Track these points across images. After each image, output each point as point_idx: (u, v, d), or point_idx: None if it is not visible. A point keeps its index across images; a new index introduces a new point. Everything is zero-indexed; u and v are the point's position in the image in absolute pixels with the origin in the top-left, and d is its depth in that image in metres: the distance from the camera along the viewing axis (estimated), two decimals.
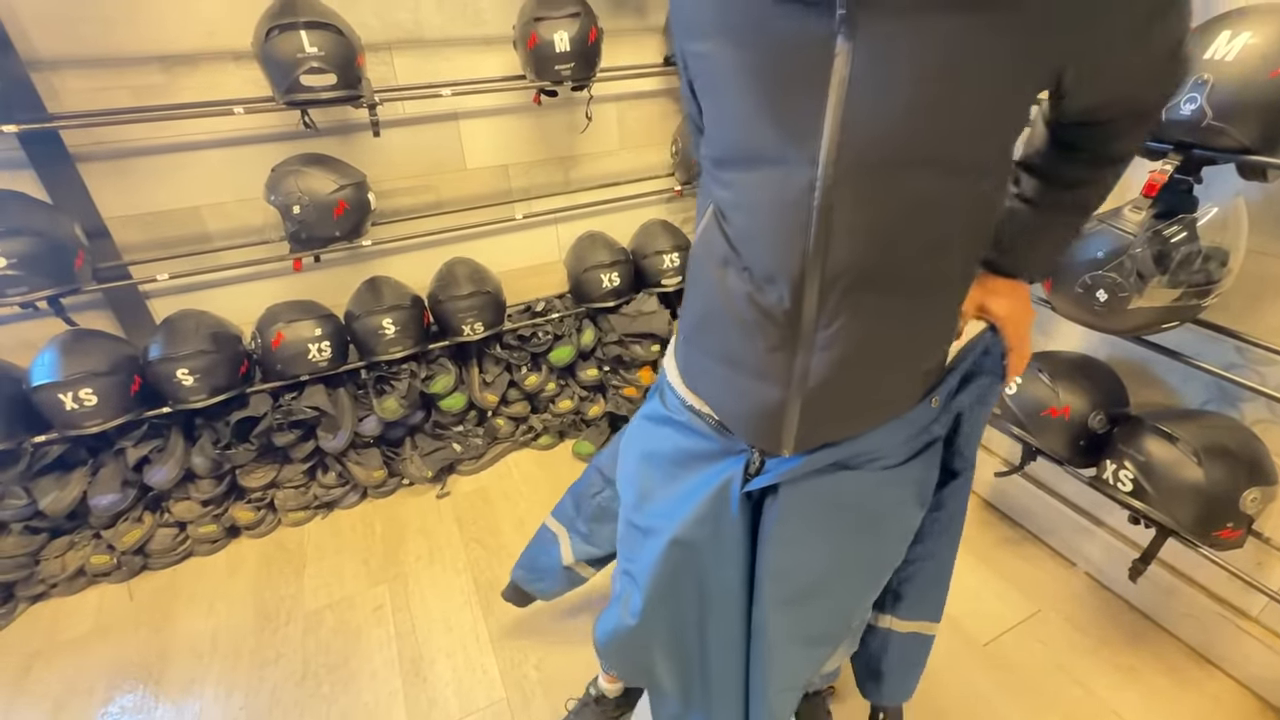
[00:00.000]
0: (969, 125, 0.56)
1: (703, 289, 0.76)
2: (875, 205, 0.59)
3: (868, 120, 0.55)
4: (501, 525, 2.00)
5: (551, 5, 1.81)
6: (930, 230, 0.61)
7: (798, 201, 0.60)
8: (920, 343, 0.73)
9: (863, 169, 0.57)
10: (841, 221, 0.59)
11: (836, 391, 0.70)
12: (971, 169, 0.59)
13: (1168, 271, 1.11)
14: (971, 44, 0.52)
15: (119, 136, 1.69)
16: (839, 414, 0.74)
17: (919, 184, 0.58)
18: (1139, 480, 1.26)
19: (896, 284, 0.64)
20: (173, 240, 1.85)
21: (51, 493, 1.69)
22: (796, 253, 0.62)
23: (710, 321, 0.76)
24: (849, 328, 0.65)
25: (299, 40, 1.53)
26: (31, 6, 1.52)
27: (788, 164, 0.59)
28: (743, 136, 0.63)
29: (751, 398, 0.74)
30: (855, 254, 0.61)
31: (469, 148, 2.13)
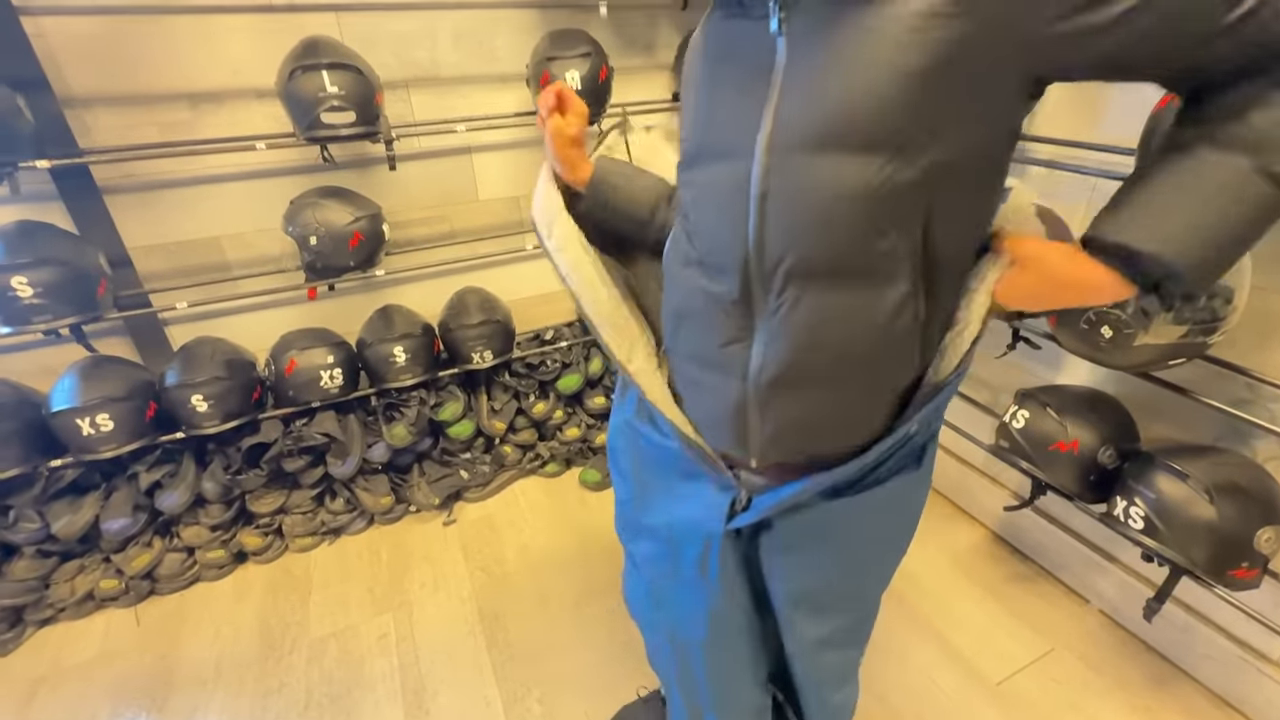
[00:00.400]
0: (904, 113, 0.55)
1: (671, 290, 0.81)
2: (803, 190, 0.61)
3: (796, 108, 0.60)
4: (506, 553, 2.00)
5: (564, 45, 1.87)
6: (861, 216, 0.60)
7: (737, 190, 0.64)
8: (878, 346, 0.67)
9: (791, 155, 0.60)
10: (775, 208, 0.63)
11: (790, 386, 0.70)
12: (911, 155, 0.57)
13: (1172, 309, 1.11)
14: (897, 33, 0.54)
15: (146, 170, 1.75)
16: (797, 414, 0.73)
17: (841, 168, 0.58)
18: (1150, 517, 1.24)
19: (837, 271, 0.63)
20: (193, 269, 1.90)
21: (64, 517, 1.71)
22: (739, 241, 0.66)
23: (680, 321, 0.80)
24: (795, 316, 0.66)
25: (321, 80, 1.58)
26: (69, 48, 1.59)
27: (735, 156, 0.64)
28: (703, 135, 0.70)
29: (716, 395, 0.77)
30: (790, 239, 0.63)
31: (481, 180, 2.18)
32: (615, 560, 1.90)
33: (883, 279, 0.63)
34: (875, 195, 0.58)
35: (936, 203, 0.60)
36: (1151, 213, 0.57)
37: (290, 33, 1.70)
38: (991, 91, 0.56)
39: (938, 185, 0.59)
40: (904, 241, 0.61)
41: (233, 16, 1.71)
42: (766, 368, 0.70)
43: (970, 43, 0.53)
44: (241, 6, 1.71)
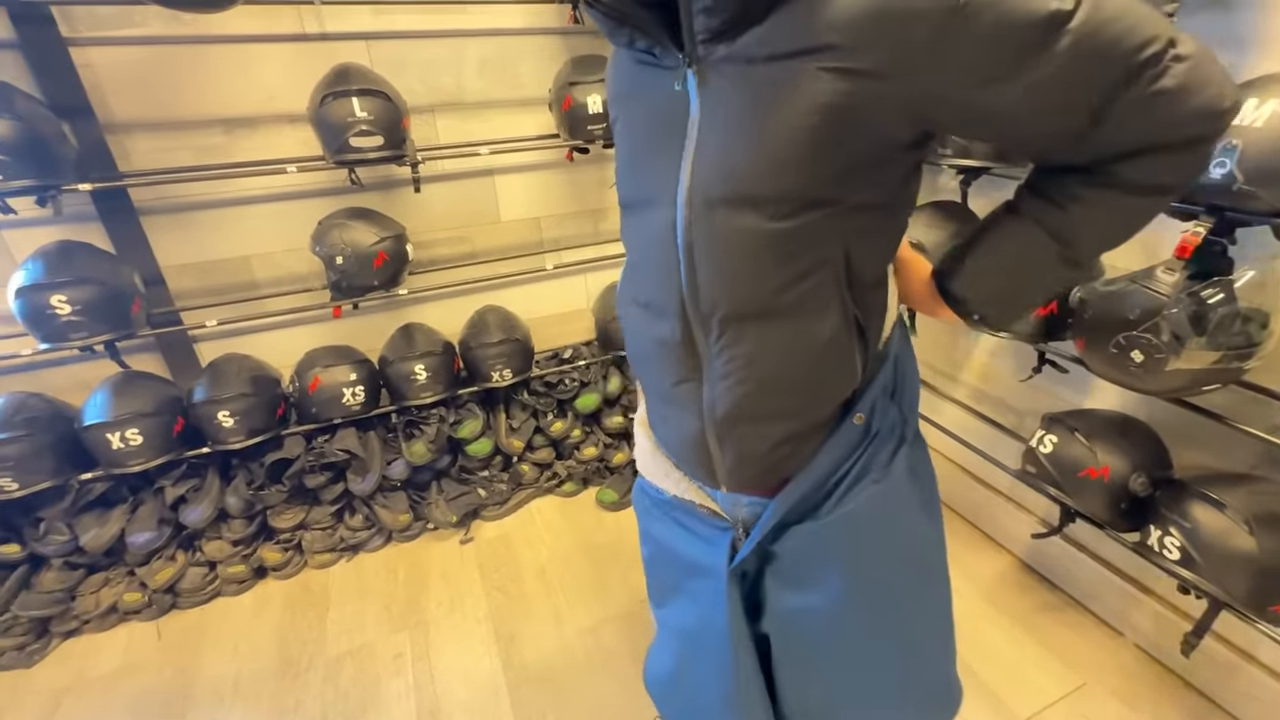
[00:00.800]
0: (800, 165, 0.57)
1: (628, 329, 0.83)
2: (722, 241, 0.63)
3: (709, 163, 0.61)
4: (523, 574, 1.99)
5: (586, 70, 1.91)
6: (783, 262, 0.62)
7: (666, 239, 0.66)
8: (820, 370, 0.70)
9: (708, 208, 0.62)
10: (701, 257, 0.64)
11: (743, 420, 0.71)
12: (814, 204, 0.60)
13: (1205, 333, 1.08)
14: (793, 90, 0.55)
15: (180, 192, 1.81)
16: (755, 444, 0.73)
17: (764, 221, 0.60)
18: (1186, 548, 1.20)
19: (769, 312, 0.65)
20: (223, 287, 1.95)
21: (92, 529, 1.75)
22: (674, 288, 0.68)
23: (639, 358, 0.82)
24: (738, 356, 0.68)
25: (351, 106, 1.63)
26: (113, 77, 1.66)
27: (659, 205, 0.66)
28: (631, 182, 0.73)
29: (678, 427, 0.79)
30: (719, 287, 0.65)
31: (503, 201, 2.22)
32: (631, 582, 1.89)
33: (814, 311, 0.66)
34: (793, 243, 0.61)
35: (852, 238, 0.63)
36: (978, 273, 0.74)
37: (323, 59, 1.76)
38: (889, 143, 0.59)
39: (851, 224, 0.62)
40: (827, 276, 0.64)
41: (269, 45, 1.77)
42: (718, 405, 0.72)
43: (868, 101, 0.55)
44: (277, 36, 1.77)
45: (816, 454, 0.74)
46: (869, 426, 0.75)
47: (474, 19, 1.95)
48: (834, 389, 0.72)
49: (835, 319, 0.66)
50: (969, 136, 0.61)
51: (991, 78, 0.53)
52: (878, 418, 0.75)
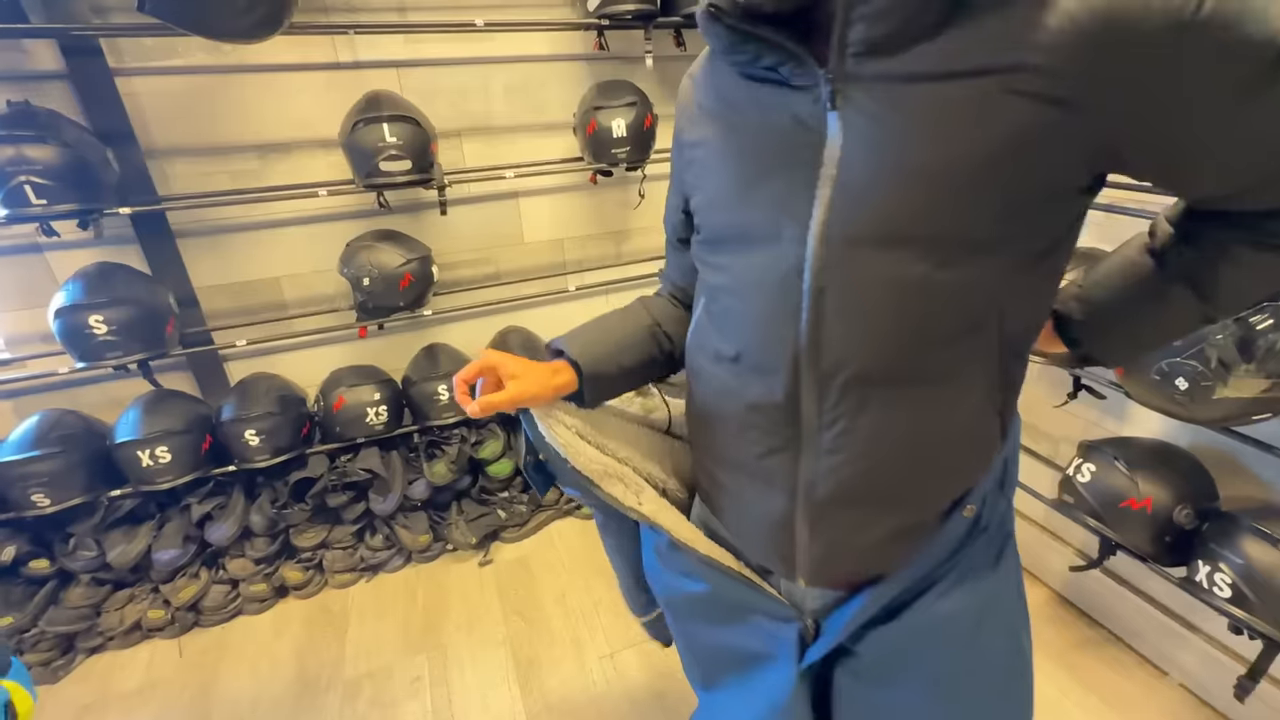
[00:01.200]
0: (973, 202, 0.50)
1: (699, 387, 0.71)
2: (864, 288, 0.53)
3: (856, 196, 0.52)
4: (543, 598, 1.96)
5: (610, 95, 1.93)
6: (942, 317, 0.53)
7: (786, 283, 0.56)
8: (957, 453, 0.61)
9: (850, 248, 0.53)
10: (834, 307, 0.54)
11: (850, 503, 0.61)
12: (982, 248, 0.51)
13: (1254, 360, 1.04)
14: (970, 114, 0.47)
15: (216, 215, 1.86)
16: (858, 533, 0.63)
17: (919, 266, 0.51)
18: (1238, 586, 1.14)
19: (907, 378, 0.56)
20: (253, 308, 1.98)
21: (119, 545, 1.77)
22: (788, 340, 0.57)
23: (708, 420, 0.70)
24: (858, 427, 0.57)
25: (381, 131, 1.67)
26: (156, 104, 1.72)
27: (778, 243, 0.56)
28: (734, 215, 0.61)
29: (756, 507, 0.67)
30: (853, 344, 0.55)
31: (527, 223, 2.24)
32: None
33: (960, 381, 0.57)
34: (949, 295, 0.52)
35: (1011, 294, 0.54)
36: (1112, 325, 0.67)
37: (355, 87, 1.81)
38: (1063, 184, 0.51)
39: (1011, 278, 0.54)
40: (981, 340, 0.55)
41: (303, 74, 1.83)
42: (820, 483, 0.61)
43: (1058, 132, 0.47)
44: (312, 65, 1.82)
45: (920, 550, 0.64)
46: (978, 519, 0.65)
47: (501, 46, 1.99)
48: (964, 476, 0.62)
49: (980, 393, 0.58)
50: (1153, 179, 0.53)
51: (1213, 112, 0.45)
52: (988, 510, 0.65)
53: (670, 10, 1.91)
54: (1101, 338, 0.68)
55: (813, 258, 0.54)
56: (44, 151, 1.42)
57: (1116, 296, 0.65)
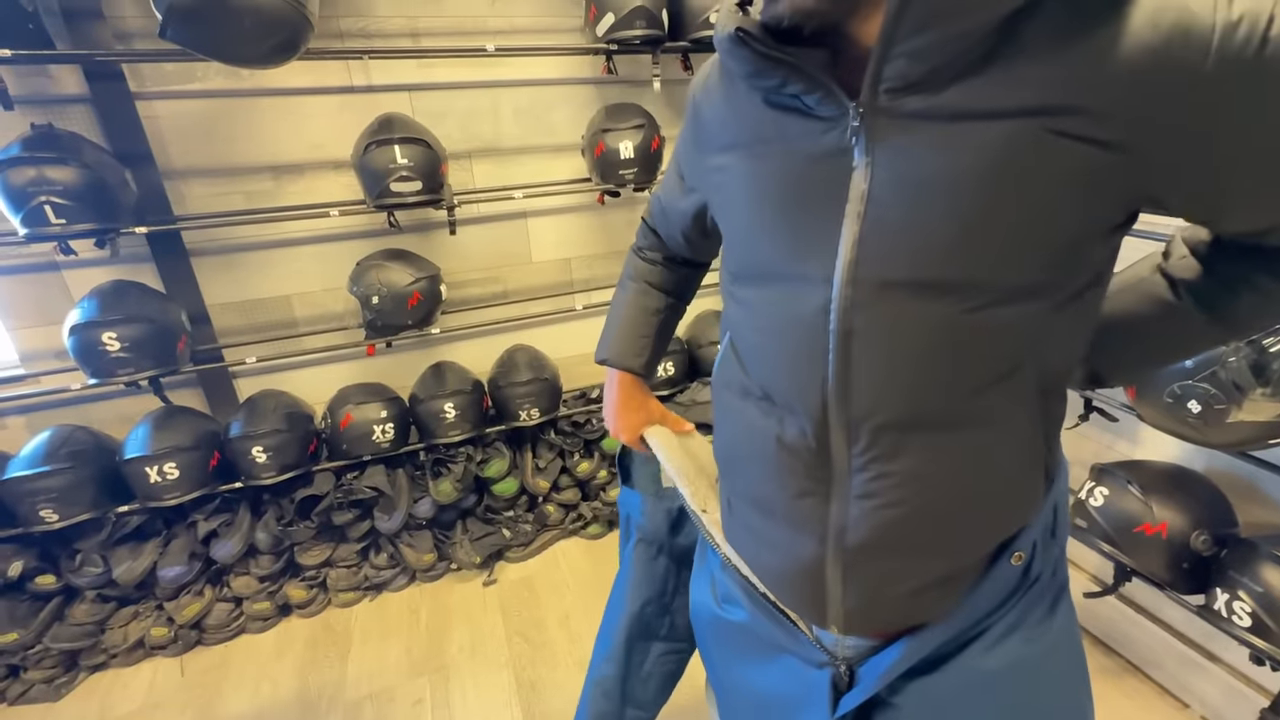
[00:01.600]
0: (1011, 246, 0.48)
1: (726, 422, 0.69)
2: (896, 332, 0.51)
3: (890, 238, 0.49)
4: (546, 619, 1.94)
5: (618, 118, 1.96)
6: (976, 361, 0.51)
7: (813, 323, 0.54)
8: (998, 499, 0.58)
9: (882, 291, 0.50)
10: (863, 350, 0.52)
11: (884, 552, 0.58)
12: (1020, 292, 0.49)
13: (1269, 383, 1.03)
14: (1013, 156, 0.45)
15: (229, 234, 1.89)
16: (893, 582, 0.59)
17: (953, 310, 0.49)
18: (1259, 615, 1.11)
19: (943, 423, 0.53)
20: (264, 325, 2.01)
21: (125, 562, 1.77)
22: (815, 381, 0.55)
23: (737, 459, 0.68)
24: (892, 473, 0.54)
25: (393, 153, 1.70)
26: (174, 127, 1.76)
27: (803, 281, 0.54)
28: (758, 251, 0.59)
29: (785, 551, 0.64)
30: (884, 389, 0.53)
31: (535, 243, 2.26)
32: None
33: (998, 424, 0.53)
34: (986, 338, 0.50)
35: (1049, 334, 0.52)
36: (1125, 349, 0.66)
37: (367, 109, 1.84)
38: (1101, 222, 0.49)
39: (1050, 317, 0.51)
40: (1018, 382, 0.52)
41: (318, 97, 1.87)
42: (852, 530, 0.57)
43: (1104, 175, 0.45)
44: (327, 88, 1.87)
45: (963, 601, 0.60)
46: (1028, 568, 0.61)
47: (512, 70, 2.03)
48: (1006, 522, 0.59)
49: (1020, 435, 0.55)
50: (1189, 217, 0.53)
51: (1263, 156, 0.44)
52: (1039, 559, 0.62)
53: (678, 35, 1.94)
54: (1108, 355, 0.66)
55: (839, 299, 0.52)
56: (64, 173, 1.46)
57: (1127, 315, 0.64)
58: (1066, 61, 0.43)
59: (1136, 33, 0.42)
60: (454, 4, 1.93)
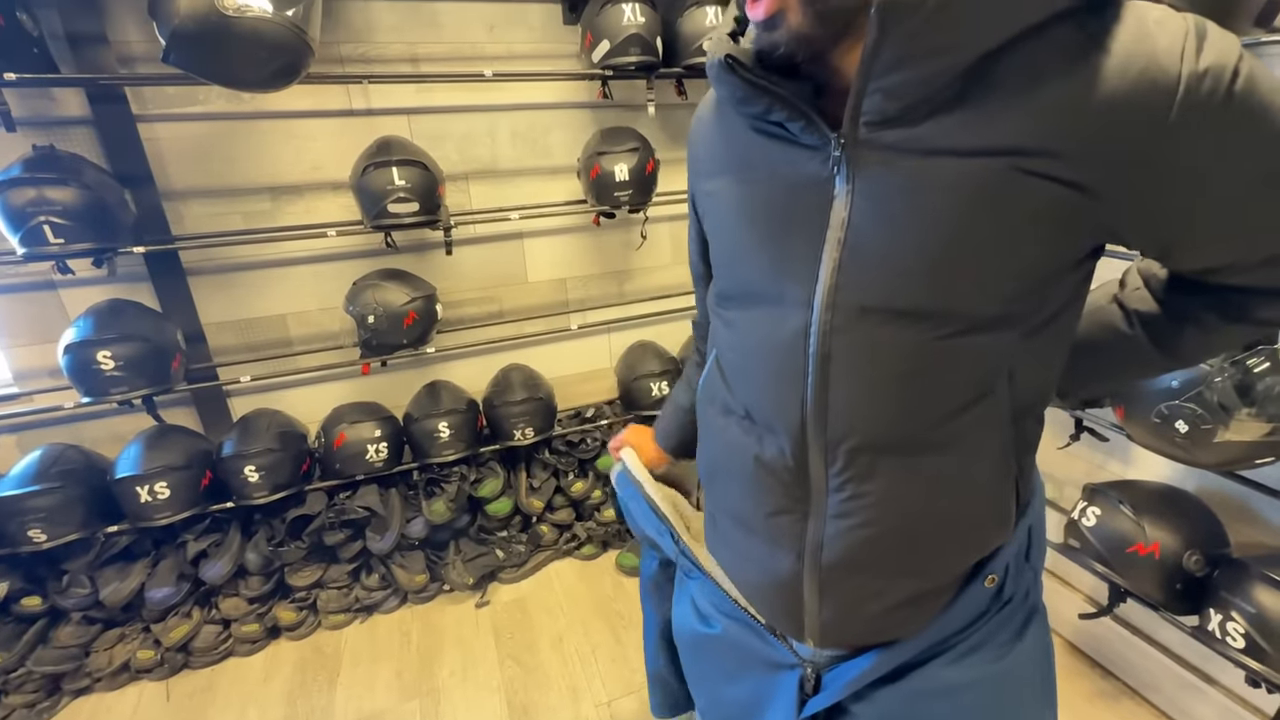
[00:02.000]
0: (982, 277, 0.49)
1: (708, 439, 0.71)
2: (873, 357, 0.52)
3: (868, 266, 0.51)
4: (539, 642, 1.92)
5: (613, 141, 1.99)
6: (950, 386, 0.53)
7: (792, 345, 0.56)
8: (971, 519, 0.59)
9: (859, 316, 0.52)
10: (841, 374, 0.54)
11: (859, 570, 0.59)
12: (992, 321, 0.51)
13: (1254, 404, 1.04)
14: (984, 192, 0.47)
15: (227, 254, 1.90)
16: (868, 599, 0.61)
17: (927, 336, 0.51)
18: (1252, 636, 1.11)
19: (916, 446, 0.54)
20: (259, 344, 2.01)
21: (113, 583, 1.75)
22: (794, 402, 0.56)
23: (718, 474, 0.70)
24: (866, 493, 0.56)
25: (391, 175, 1.72)
26: (174, 148, 1.79)
27: (783, 304, 0.56)
28: (742, 272, 0.61)
29: (763, 566, 0.65)
30: (859, 412, 0.54)
31: (531, 263, 2.28)
32: None
33: (972, 448, 0.55)
34: (962, 365, 0.52)
35: (1021, 359, 0.53)
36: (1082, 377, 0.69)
37: (367, 132, 1.87)
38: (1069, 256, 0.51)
39: (1022, 343, 0.53)
40: (992, 406, 0.54)
41: (318, 120, 1.89)
42: (829, 547, 0.59)
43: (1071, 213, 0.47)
44: (327, 111, 1.89)
45: (936, 618, 0.62)
46: (1000, 589, 0.63)
47: (509, 94, 2.06)
48: (980, 544, 0.61)
49: (993, 459, 0.56)
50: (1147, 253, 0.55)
51: (1226, 199, 0.46)
52: (1011, 580, 0.64)
53: (672, 61, 1.98)
54: (1075, 390, 0.71)
55: (819, 322, 0.53)
56: (64, 193, 1.47)
57: (1084, 339, 0.66)
58: (1035, 105, 0.45)
59: (1105, 80, 0.43)
60: (453, 31, 1.97)
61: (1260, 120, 0.43)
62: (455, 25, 1.97)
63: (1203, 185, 0.46)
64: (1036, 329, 0.53)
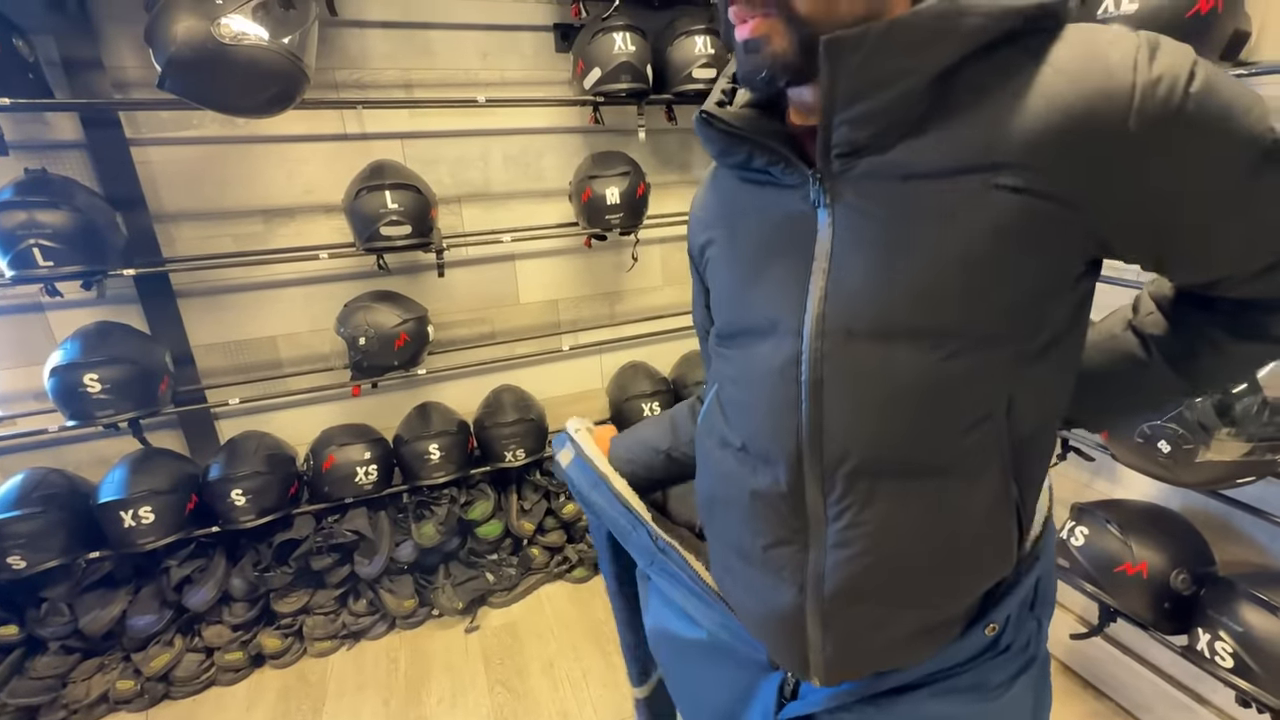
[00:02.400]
0: (969, 296, 0.50)
1: (706, 470, 0.71)
2: (866, 379, 0.53)
3: (853, 291, 0.52)
4: (530, 667, 1.89)
5: (604, 165, 2.02)
6: (940, 408, 0.52)
7: (784, 373, 0.57)
8: (971, 548, 0.58)
9: (848, 339, 0.53)
10: (834, 398, 0.54)
11: (862, 600, 0.58)
12: (983, 341, 0.51)
13: (1234, 423, 1.06)
14: (960, 211, 0.48)
15: (217, 276, 1.90)
16: (873, 632, 0.60)
17: (914, 358, 0.51)
18: (1240, 655, 1.12)
19: (914, 470, 0.54)
20: (248, 366, 2.00)
21: (93, 611, 1.71)
22: (790, 431, 0.57)
23: (716, 506, 0.70)
24: (865, 520, 0.55)
25: (383, 198, 1.74)
26: (167, 172, 1.79)
27: (775, 335, 0.58)
28: (738, 310, 0.63)
29: (761, 599, 0.65)
30: (854, 434, 0.54)
31: (523, 284, 2.29)
32: None
33: (970, 472, 0.54)
34: (953, 385, 0.52)
35: (1018, 385, 0.53)
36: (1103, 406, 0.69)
37: (360, 156, 1.89)
38: (1061, 273, 0.51)
39: (1018, 368, 0.52)
40: (990, 432, 0.53)
41: (312, 144, 1.91)
42: (830, 578, 0.58)
43: (1049, 225, 0.47)
44: (321, 136, 1.91)
45: (944, 650, 0.62)
46: (998, 639, 0.63)
47: (501, 119, 2.10)
48: (983, 573, 0.60)
49: (992, 487, 0.55)
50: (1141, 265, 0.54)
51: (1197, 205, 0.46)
52: (1011, 630, 0.64)
53: (662, 88, 2.03)
54: (1081, 404, 0.66)
55: (809, 349, 0.54)
56: (54, 216, 1.47)
57: (1098, 368, 0.65)
58: (996, 120, 0.46)
59: (1060, 93, 0.45)
60: (446, 57, 2.00)
61: (1223, 121, 0.43)
62: (449, 52, 2.00)
63: (1177, 190, 0.46)
64: (1035, 353, 0.52)
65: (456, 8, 1.96)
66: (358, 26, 1.89)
